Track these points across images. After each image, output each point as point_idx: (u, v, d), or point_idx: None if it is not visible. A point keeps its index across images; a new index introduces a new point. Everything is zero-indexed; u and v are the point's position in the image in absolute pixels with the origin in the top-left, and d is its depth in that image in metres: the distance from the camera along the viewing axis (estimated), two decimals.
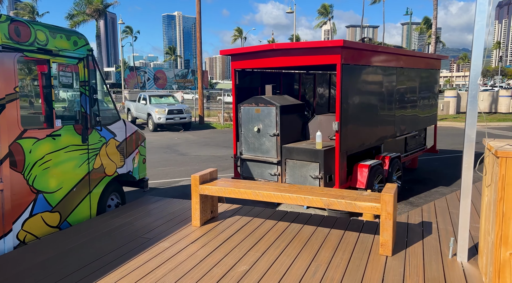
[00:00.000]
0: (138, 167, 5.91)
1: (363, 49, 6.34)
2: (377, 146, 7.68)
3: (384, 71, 7.09)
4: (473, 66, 3.43)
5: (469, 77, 3.47)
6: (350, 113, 6.20)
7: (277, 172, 6.62)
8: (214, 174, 4.85)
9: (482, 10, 3.36)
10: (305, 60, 6.14)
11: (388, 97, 7.34)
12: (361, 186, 6.58)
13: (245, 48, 6.70)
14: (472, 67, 3.44)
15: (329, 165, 6.23)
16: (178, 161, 11.35)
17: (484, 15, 3.39)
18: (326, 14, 71.32)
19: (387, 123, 7.48)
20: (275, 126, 6.49)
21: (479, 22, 3.40)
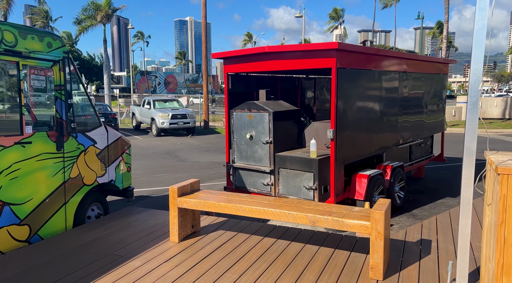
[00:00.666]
0: (122, 176, 5.62)
1: (361, 52, 5.97)
2: (378, 155, 7.28)
3: (385, 76, 6.70)
4: (473, 70, 3.05)
5: (469, 82, 3.10)
6: (346, 121, 5.83)
7: (270, 182, 6.27)
8: (196, 185, 4.53)
9: (482, 8, 2.99)
10: (299, 64, 5.80)
11: (389, 104, 6.94)
12: (360, 197, 6.20)
13: (237, 51, 6.40)
14: (472, 72, 3.06)
15: (324, 175, 5.86)
16: (176, 167, 11.08)
17: (485, 13, 3.01)
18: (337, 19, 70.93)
19: (389, 131, 7.08)
20: (268, 133, 6.15)
21: (479, 21, 3.02)
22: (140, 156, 13.16)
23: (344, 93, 5.68)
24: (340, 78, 5.55)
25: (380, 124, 6.73)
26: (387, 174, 6.93)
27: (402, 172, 7.30)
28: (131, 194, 5.87)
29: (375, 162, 7.39)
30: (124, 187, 5.69)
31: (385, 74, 6.72)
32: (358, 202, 6.26)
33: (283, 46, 5.85)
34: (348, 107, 5.82)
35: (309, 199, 5.89)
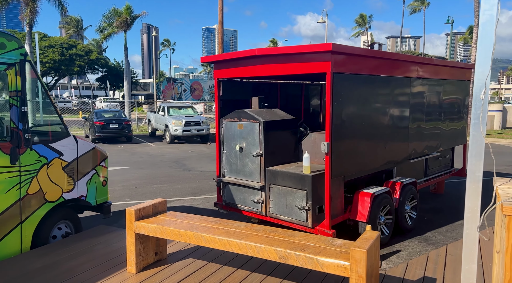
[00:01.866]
0: (96, 191, 5.14)
1: (362, 55, 5.28)
2: (388, 170, 6.52)
3: (392, 82, 5.97)
4: (477, 74, 2.35)
5: (473, 90, 2.40)
6: (344, 132, 5.14)
7: (261, 199, 5.64)
8: (161, 206, 3.96)
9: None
10: (291, 68, 5.18)
11: (398, 114, 6.19)
12: (362, 218, 5.47)
13: (227, 55, 5.84)
14: (476, 76, 2.37)
15: (319, 194, 5.19)
16: (179, 177, 10.61)
17: (495, 1, 2.33)
18: (363, 24, 69.57)
19: (398, 144, 6.31)
20: (259, 145, 5.54)
21: (486, 11, 2.34)
22: (147, 164, 12.81)
23: (341, 101, 5.01)
24: (337, 85, 4.89)
25: (386, 137, 5.99)
26: (396, 192, 6.16)
27: (415, 189, 6.50)
28: (107, 210, 5.38)
29: (384, 178, 6.63)
30: (98, 202, 5.21)
31: (393, 81, 5.98)
32: (361, 224, 5.54)
33: (274, 48, 5.25)
34: (346, 118, 5.13)
35: (301, 220, 5.22)
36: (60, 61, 47.94)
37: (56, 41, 49.59)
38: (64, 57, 48.59)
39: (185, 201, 8.19)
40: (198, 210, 7.47)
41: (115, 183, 9.84)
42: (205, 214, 7.09)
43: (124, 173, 11.25)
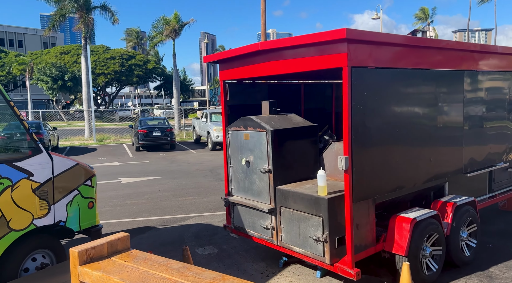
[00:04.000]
0: (79, 214, 4.52)
1: (392, 43, 4.12)
2: (437, 186, 5.23)
3: (438, 77, 4.71)
4: None
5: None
6: (370, 143, 4.03)
7: (271, 224, 4.67)
8: (121, 244, 3.13)
9: None
10: (300, 64, 4.17)
11: (447, 117, 4.90)
12: (399, 251, 4.29)
13: (230, 52, 4.96)
14: None
15: (338, 221, 4.11)
16: (209, 189, 9.91)
17: None
18: (425, 19, 65.19)
19: (448, 155, 5.01)
20: (267, 159, 4.59)
21: None
22: (181, 173, 12.32)
23: (364, 104, 3.91)
24: (357, 82, 3.80)
25: (431, 146, 4.73)
26: (447, 215, 4.86)
27: (473, 211, 5.14)
28: (96, 235, 4.73)
29: (432, 196, 5.34)
30: (83, 227, 4.58)
31: (439, 76, 4.72)
32: (398, 257, 4.35)
33: (278, 40, 4.28)
34: (372, 124, 4.01)
35: (317, 255, 4.17)
36: (120, 71, 50.24)
37: (116, 53, 52.10)
38: (124, 67, 50.86)
39: (206, 218, 7.42)
40: (215, 229, 6.67)
41: (140, 196, 9.38)
42: (221, 234, 6.26)
43: (154, 183, 10.81)
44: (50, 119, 46.69)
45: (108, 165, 14.37)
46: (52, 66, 42.33)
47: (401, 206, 5.18)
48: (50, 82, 42.07)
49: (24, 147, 4.08)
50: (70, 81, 42.25)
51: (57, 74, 42.04)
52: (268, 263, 5.21)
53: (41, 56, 50.44)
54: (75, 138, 23.92)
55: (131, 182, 11.13)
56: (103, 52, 51.53)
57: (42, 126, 17.08)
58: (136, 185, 10.63)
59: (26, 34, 74.16)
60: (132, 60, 52.36)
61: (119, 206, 8.42)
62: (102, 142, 22.74)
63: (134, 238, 6.38)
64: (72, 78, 42.16)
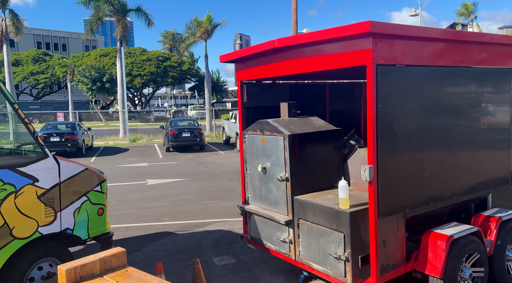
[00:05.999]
0: (88, 222, 4.34)
1: (424, 37, 3.62)
2: (478, 198, 4.65)
3: (481, 76, 4.15)
4: None
5: None
6: (399, 150, 3.56)
7: (288, 238, 4.29)
8: (116, 261, 2.89)
9: None
10: (320, 62, 3.77)
11: (491, 121, 4.32)
12: (434, 272, 3.80)
13: (247, 50, 4.61)
14: None
15: (362, 238, 3.67)
16: (233, 192, 9.63)
17: None
18: (467, 15, 62.01)
19: (492, 163, 4.42)
20: (284, 166, 4.22)
21: None
22: (208, 175, 12.14)
23: (392, 106, 3.45)
24: (383, 82, 3.36)
25: (471, 153, 4.18)
26: (491, 232, 4.29)
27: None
28: (107, 244, 4.55)
29: (472, 209, 4.76)
30: (92, 235, 4.40)
31: (482, 74, 4.16)
32: (432, 279, 3.86)
33: (296, 36, 3.89)
34: (401, 129, 3.55)
35: (338, 274, 3.75)
36: (156, 73, 51.26)
37: (152, 55, 53.22)
38: (160, 69, 51.87)
39: (227, 224, 7.14)
40: (235, 237, 6.36)
41: (164, 198, 9.25)
42: (241, 242, 5.94)
43: (179, 185, 10.67)
44: (89, 119, 48.46)
45: (137, 166, 14.46)
46: (92, 68, 43.83)
47: (436, 220, 4.65)
48: (90, 84, 43.56)
49: (29, 151, 3.94)
50: (108, 82, 43.54)
51: (96, 76, 43.46)
52: (288, 277, 4.83)
53: (82, 59, 52.42)
54: (110, 139, 24.48)
55: (157, 183, 11.06)
56: (140, 54, 52.80)
57: (76, 127, 17.51)
58: (162, 187, 10.53)
59: (70, 38, 77.58)
60: (167, 62, 53.32)
61: (141, 209, 8.31)
62: (135, 142, 23.12)
63: (152, 244, 6.18)
64: (109, 79, 43.44)
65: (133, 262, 5.30)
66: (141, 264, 5.28)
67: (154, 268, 3.98)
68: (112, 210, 8.16)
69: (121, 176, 12.41)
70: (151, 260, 5.49)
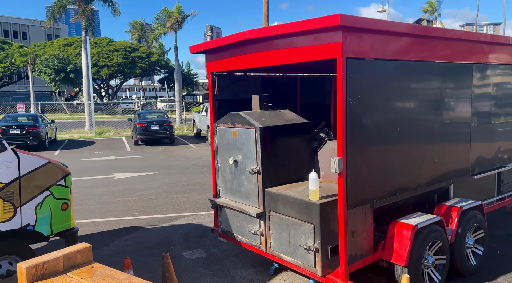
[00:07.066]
0: (51, 217, 4.18)
1: (393, 32, 3.70)
2: (441, 189, 4.83)
3: (445, 70, 4.29)
4: None
5: None
6: (367, 142, 3.63)
7: (259, 230, 4.30)
8: (81, 257, 2.78)
9: None
10: (292, 55, 3.77)
11: (454, 113, 4.48)
12: (399, 261, 3.92)
13: (217, 41, 4.55)
14: None
15: (331, 229, 3.73)
16: (205, 186, 9.55)
17: None
18: (432, 12, 64.05)
19: (454, 155, 4.60)
20: (255, 158, 4.21)
21: None
22: (178, 169, 11.98)
23: (361, 99, 3.51)
24: (353, 75, 3.40)
25: (435, 146, 4.33)
26: (452, 221, 4.47)
27: (481, 216, 4.74)
28: (72, 240, 4.40)
29: (435, 200, 4.94)
30: (55, 231, 4.24)
31: (445, 69, 4.30)
32: (398, 267, 3.98)
33: (267, 28, 3.88)
34: (369, 122, 3.61)
35: (308, 265, 3.80)
36: (124, 64, 49.85)
37: (120, 45, 51.68)
38: (127, 60, 50.47)
39: (197, 217, 7.08)
40: (206, 230, 6.32)
41: (132, 192, 9.05)
42: (212, 236, 5.89)
43: (148, 179, 10.47)
44: (53, 111, 46.52)
45: (104, 159, 14.06)
46: (55, 58, 42.05)
47: (402, 210, 4.80)
48: (53, 74, 41.82)
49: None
50: (73, 73, 41.96)
51: (60, 66, 41.76)
52: (259, 269, 4.85)
53: (44, 48, 50.21)
54: (75, 131, 23.66)
55: (125, 177, 10.80)
56: (107, 44, 51.16)
57: (38, 119, 16.79)
58: (130, 181, 10.30)
59: (31, 25, 73.90)
60: (136, 53, 51.95)
61: (108, 203, 8.10)
62: (101, 135, 22.46)
63: (120, 239, 6.04)
64: (74, 70, 41.87)
65: (100, 258, 5.16)
66: (108, 259, 5.15)
67: (122, 264, 3.88)
68: (77, 205, 7.90)
69: (87, 169, 12.04)
70: (119, 255, 5.37)
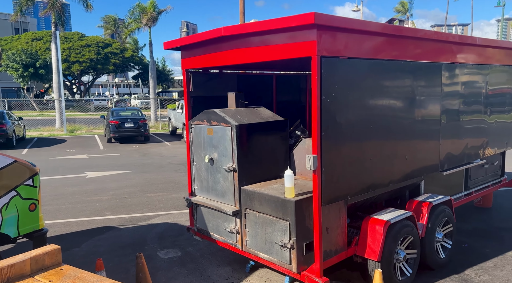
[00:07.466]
0: (18, 218, 4.03)
1: (367, 31, 3.75)
2: (413, 185, 4.96)
3: (416, 69, 4.40)
4: None
5: None
6: (341, 140, 3.68)
7: (235, 228, 4.30)
8: (49, 259, 2.68)
9: None
10: (267, 52, 3.77)
11: (424, 112, 4.61)
12: (372, 256, 4.00)
13: (192, 37, 4.50)
14: None
15: (307, 226, 3.77)
16: (180, 184, 9.46)
17: None
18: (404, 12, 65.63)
19: (425, 152, 4.73)
20: (231, 156, 4.19)
21: None
22: (153, 167, 11.81)
23: (335, 97, 3.55)
24: (327, 74, 3.43)
25: (406, 143, 4.44)
26: (423, 216, 4.61)
27: (449, 211, 4.90)
28: (40, 241, 4.26)
29: (407, 195, 5.08)
30: (22, 233, 4.10)
31: (416, 68, 4.41)
32: (371, 262, 4.06)
33: (243, 25, 3.86)
34: (343, 120, 3.66)
35: (284, 262, 3.83)
36: (96, 60, 48.58)
37: (92, 41, 50.31)
38: (100, 56, 49.20)
39: (173, 216, 7.00)
40: (181, 229, 6.25)
41: (105, 191, 8.85)
42: (188, 235, 5.84)
43: (121, 178, 10.27)
44: (21, 108, 44.81)
45: (75, 158, 13.69)
46: (23, 53, 40.50)
47: (375, 206, 4.91)
48: (21, 70, 40.28)
49: None
50: (42, 68, 40.56)
51: (28, 61, 40.27)
52: (235, 267, 4.85)
53: (11, 43, 48.29)
54: (44, 129, 22.91)
55: (98, 176, 10.55)
56: (78, 39, 49.69)
57: (5, 116, 16.15)
58: (103, 180, 10.07)
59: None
60: (109, 48, 50.72)
61: (80, 203, 7.89)
62: (73, 133, 21.86)
63: (92, 239, 5.90)
64: (44, 65, 40.48)
65: (70, 259, 5.02)
66: (80, 261, 5.02)
67: (94, 265, 3.79)
68: (47, 205, 7.66)
69: (57, 168, 11.68)
70: (91, 256, 5.24)
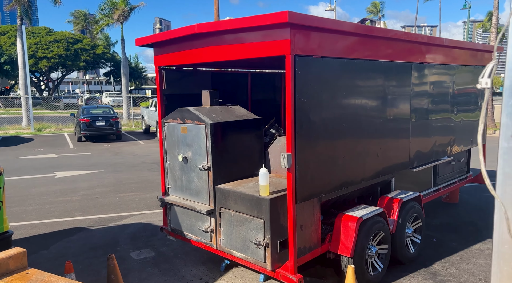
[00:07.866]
0: None
1: (340, 31, 3.81)
2: (384, 182, 5.08)
3: (387, 69, 4.50)
4: None
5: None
6: (315, 139, 3.72)
7: (210, 227, 4.27)
8: (13, 263, 2.57)
9: None
10: (241, 50, 3.76)
11: (395, 111, 4.73)
12: (345, 252, 4.07)
13: (166, 34, 4.42)
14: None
15: (281, 223, 3.79)
16: (153, 184, 9.31)
17: None
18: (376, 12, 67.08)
19: (395, 150, 4.86)
20: (206, 155, 4.16)
21: None
22: (125, 166, 11.57)
23: (309, 96, 3.58)
24: (301, 73, 3.46)
25: (378, 141, 4.54)
26: (394, 212, 4.72)
27: (419, 206, 5.05)
28: (6, 244, 4.09)
29: (379, 192, 5.19)
30: None
31: (387, 67, 4.51)
32: (344, 258, 4.14)
33: (217, 23, 3.84)
34: (317, 119, 3.71)
35: (258, 260, 3.84)
36: (65, 56, 47.05)
37: (61, 36, 48.68)
38: (70, 52, 47.67)
39: (146, 216, 6.88)
40: (155, 229, 6.16)
41: (75, 192, 8.60)
42: (161, 235, 5.76)
43: (93, 178, 10.01)
44: None
45: (44, 157, 13.23)
46: None
47: (348, 203, 5.00)
48: None
49: None
50: (7, 64, 38.93)
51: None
52: (209, 267, 4.82)
53: None
54: (10, 127, 22.02)
55: (67, 176, 10.24)
56: (46, 34, 47.97)
57: None
58: (73, 180, 9.78)
59: None
60: (79, 44, 49.23)
61: (49, 204, 7.64)
62: (41, 132, 21.11)
63: (61, 241, 5.73)
64: (9, 61, 38.86)
65: (38, 262, 4.86)
66: (48, 264, 4.86)
67: (63, 268, 3.68)
68: (12, 207, 7.37)
69: (24, 168, 11.26)
70: (60, 259, 5.08)
